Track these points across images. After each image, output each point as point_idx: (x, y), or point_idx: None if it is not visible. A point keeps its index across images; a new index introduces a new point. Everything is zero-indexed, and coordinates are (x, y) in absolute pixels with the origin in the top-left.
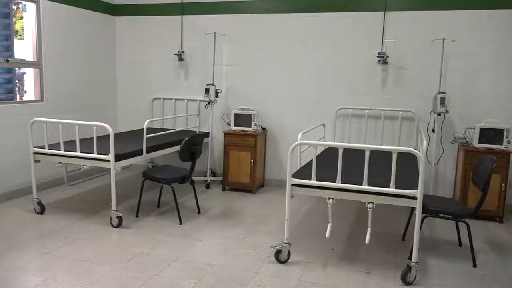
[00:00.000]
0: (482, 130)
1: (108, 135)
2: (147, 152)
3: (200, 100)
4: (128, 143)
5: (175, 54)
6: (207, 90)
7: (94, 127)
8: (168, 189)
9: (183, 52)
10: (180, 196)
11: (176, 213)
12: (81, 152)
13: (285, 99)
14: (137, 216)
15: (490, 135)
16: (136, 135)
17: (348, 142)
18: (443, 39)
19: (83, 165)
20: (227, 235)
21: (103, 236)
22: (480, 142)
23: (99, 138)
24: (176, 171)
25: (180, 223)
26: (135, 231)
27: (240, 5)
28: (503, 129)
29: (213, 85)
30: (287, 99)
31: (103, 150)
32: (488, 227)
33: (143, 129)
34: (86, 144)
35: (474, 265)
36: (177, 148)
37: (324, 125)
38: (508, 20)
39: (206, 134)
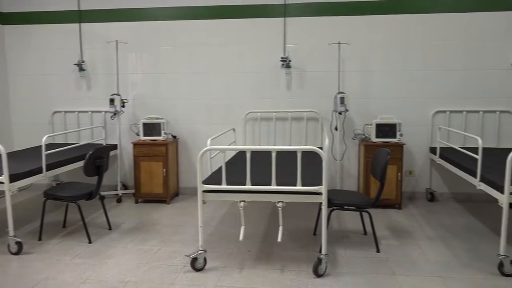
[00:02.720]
0: (378, 126)
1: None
2: (49, 169)
3: (105, 111)
4: (26, 162)
5: (74, 64)
6: (112, 101)
7: None
8: (75, 207)
9: (83, 61)
10: (89, 214)
11: (84, 232)
12: None
13: (194, 106)
14: (40, 239)
15: (385, 130)
16: (35, 152)
17: (259, 145)
18: (339, 43)
19: None
20: (140, 249)
21: (0, 265)
22: (377, 136)
23: None
24: (82, 187)
25: (90, 242)
26: (38, 256)
27: (142, 12)
28: (396, 124)
29: (118, 95)
30: (197, 106)
31: None
32: (389, 215)
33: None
34: None
35: (378, 251)
36: (82, 163)
37: (234, 129)
38: (397, 24)
39: (114, 146)
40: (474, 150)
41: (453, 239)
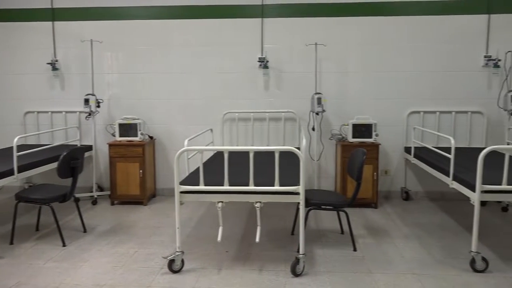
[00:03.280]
0: (355, 126)
1: None
2: (20, 171)
3: (80, 112)
4: None
5: (47, 64)
6: (86, 101)
7: None
8: (48, 210)
9: (57, 61)
10: (63, 216)
11: (58, 235)
12: None
13: (171, 106)
14: (11, 243)
15: (361, 130)
16: (6, 154)
17: (237, 145)
18: (316, 44)
19: None
20: (116, 252)
21: None
22: (353, 137)
23: None
24: (56, 189)
25: (64, 245)
26: (9, 260)
27: (117, 11)
28: (371, 124)
29: (93, 95)
30: (174, 106)
31: None
32: (365, 214)
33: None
34: None
35: (355, 250)
36: (56, 164)
37: (211, 130)
38: (372, 26)
39: (89, 147)
40: (447, 149)
41: (427, 237)
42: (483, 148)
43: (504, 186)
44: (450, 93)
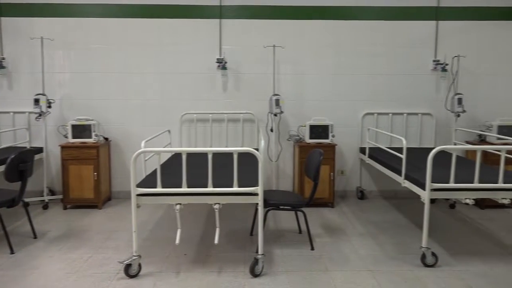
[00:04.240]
0: (312, 127)
1: None
2: None
3: (29, 112)
4: None
5: None
6: (36, 101)
7: None
8: None
9: (3, 59)
10: (11, 222)
11: (6, 241)
12: None
13: (128, 107)
14: None
15: (319, 131)
16: None
17: (195, 147)
18: (274, 46)
19: None
20: (69, 258)
21: None
22: (311, 137)
23: None
24: (3, 194)
25: (12, 253)
26: None
27: (70, 8)
28: (328, 125)
29: (43, 94)
30: (130, 107)
31: None
32: (322, 213)
33: None
34: None
35: (312, 248)
36: (3, 167)
37: (169, 131)
38: (328, 30)
39: (39, 149)
40: (400, 150)
41: (381, 234)
42: (433, 148)
43: (451, 184)
44: (402, 95)
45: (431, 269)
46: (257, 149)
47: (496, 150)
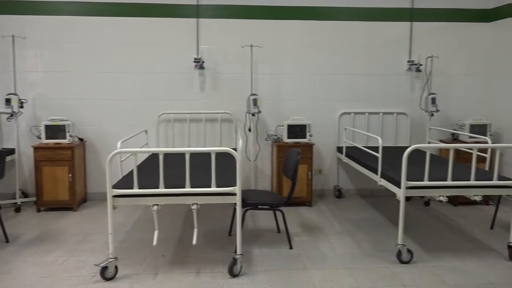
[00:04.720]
0: (290, 127)
1: None
2: None
3: (0, 113)
4: None
5: None
6: (8, 101)
7: None
8: None
9: None
10: None
11: None
12: None
13: (103, 107)
14: None
15: (296, 130)
16: None
17: (172, 147)
18: (251, 46)
19: None
20: (43, 261)
21: None
22: (288, 137)
23: None
24: None
25: None
26: None
27: (43, 5)
28: (306, 125)
29: (15, 94)
30: (106, 107)
31: None
32: (301, 212)
33: None
34: None
35: (291, 247)
36: None
37: (146, 131)
38: (306, 30)
39: (11, 151)
40: (376, 149)
41: (358, 232)
42: (408, 147)
43: (426, 182)
44: (378, 95)
45: (407, 266)
46: (235, 149)
47: (468, 149)
